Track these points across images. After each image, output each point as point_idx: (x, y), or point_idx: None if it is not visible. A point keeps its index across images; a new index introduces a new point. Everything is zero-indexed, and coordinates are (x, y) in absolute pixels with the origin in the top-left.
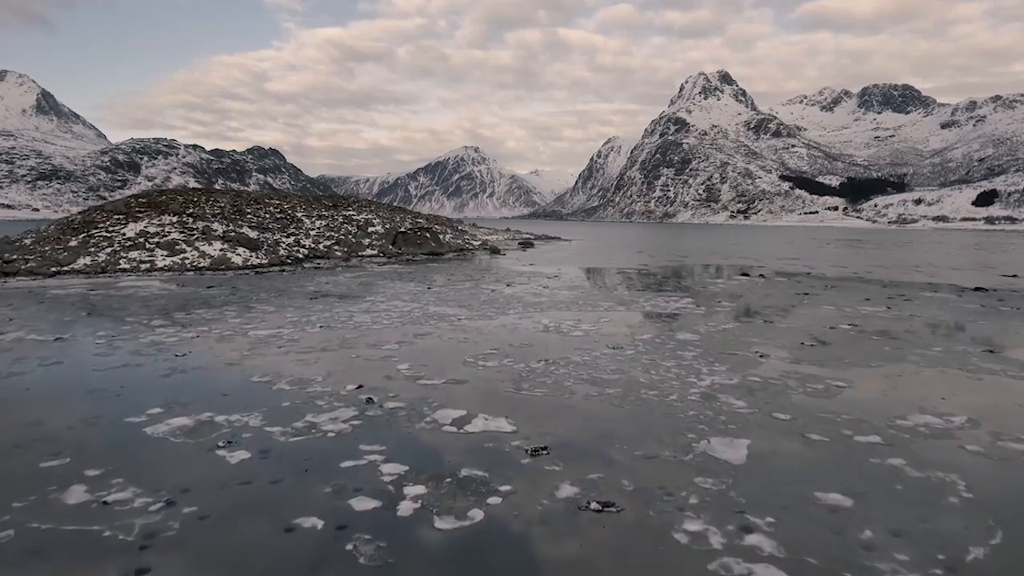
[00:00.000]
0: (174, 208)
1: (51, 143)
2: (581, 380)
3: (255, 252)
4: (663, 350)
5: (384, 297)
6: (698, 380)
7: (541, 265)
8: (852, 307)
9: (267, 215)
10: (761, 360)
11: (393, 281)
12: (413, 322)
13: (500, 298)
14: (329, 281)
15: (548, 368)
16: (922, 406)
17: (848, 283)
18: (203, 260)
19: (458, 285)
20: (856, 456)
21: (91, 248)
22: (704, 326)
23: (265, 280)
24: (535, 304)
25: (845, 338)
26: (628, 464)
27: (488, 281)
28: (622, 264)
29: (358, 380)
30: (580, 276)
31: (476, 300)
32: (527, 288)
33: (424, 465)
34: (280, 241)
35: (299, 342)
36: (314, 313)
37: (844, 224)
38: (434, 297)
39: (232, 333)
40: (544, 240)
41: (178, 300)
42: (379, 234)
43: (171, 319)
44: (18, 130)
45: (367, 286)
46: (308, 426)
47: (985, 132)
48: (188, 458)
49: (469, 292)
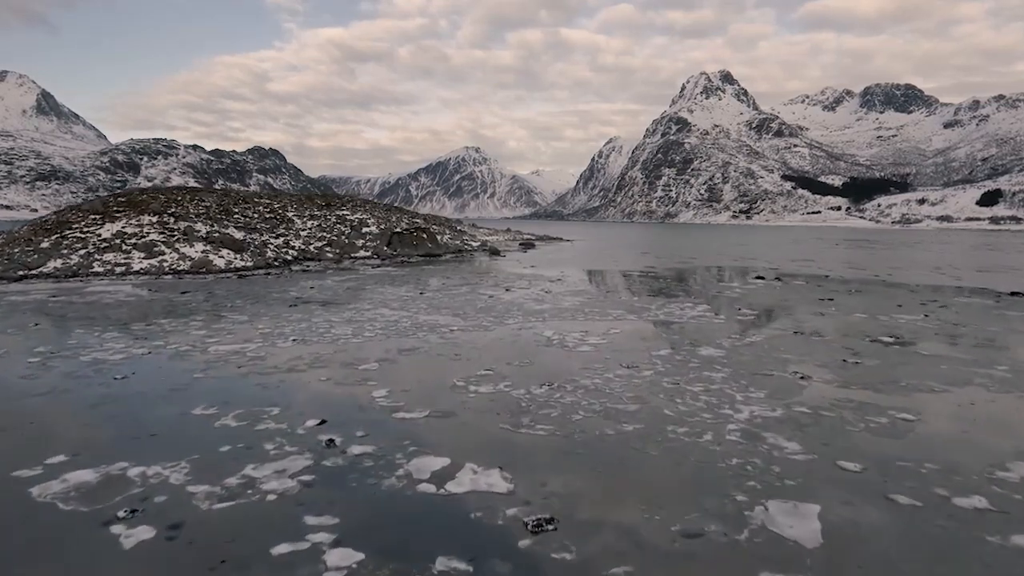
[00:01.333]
0: (154, 208)
1: (50, 143)
2: (593, 412)
3: (240, 254)
4: (686, 369)
5: (371, 304)
6: (734, 411)
7: (543, 267)
8: (886, 315)
9: (255, 215)
10: (802, 383)
11: (384, 285)
12: (400, 334)
13: (498, 305)
14: (315, 285)
15: (552, 395)
16: (1020, 448)
17: (872, 287)
18: (183, 263)
19: (453, 290)
20: (967, 532)
21: (63, 250)
22: (727, 339)
23: (246, 285)
24: (537, 312)
25: (891, 354)
26: (665, 548)
27: (486, 285)
28: (628, 266)
29: (323, 412)
30: (584, 279)
31: (472, 307)
32: (528, 293)
33: (387, 550)
34: (268, 242)
35: (264, 360)
36: (290, 323)
37: (847, 224)
38: (426, 304)
39: (190, 349)
40: (545, 241)
41: (143, 308)
42: (374, 235)
43: (127, 331)
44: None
45: (355, 291)
46: (244, 484)
47: (988, 131)
48: (65, 541)
49: (465, 298)
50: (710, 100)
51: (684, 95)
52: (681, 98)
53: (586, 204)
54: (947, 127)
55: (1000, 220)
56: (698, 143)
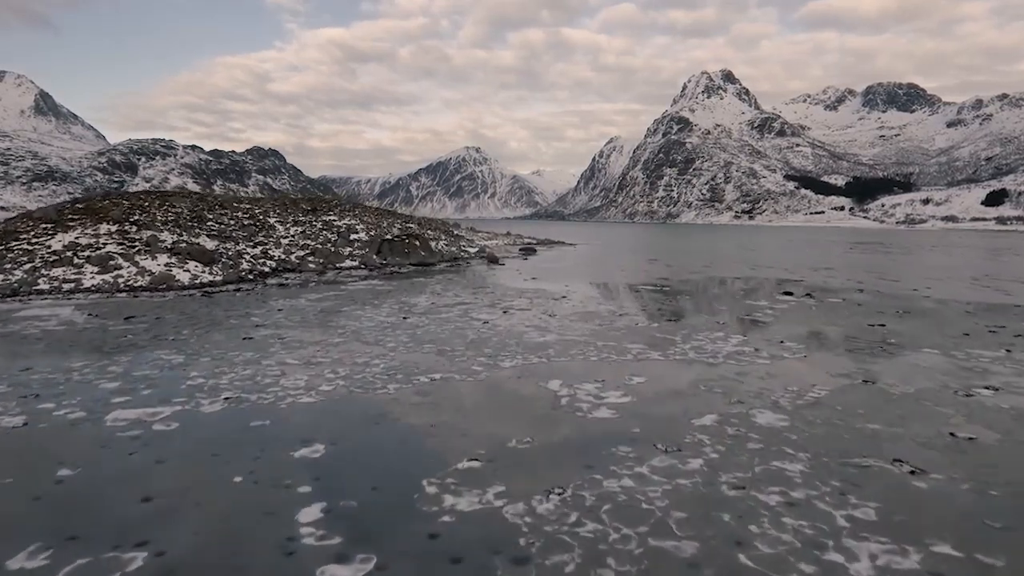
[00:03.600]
0: (115, 215)
1: (48, 144)
2: (629, 561)
3: (209, 267)
4: (746, 455)
5: (342, 335)
6: (844, 555)
7: (545, 280)
8: (960, 351)
9: (232, 221)
10: (917, 483)
11: (364, 306)
12: (365, 386)
13: (493, 336)
14: (285, 306)
15: (564, 515)
16: None
17: (918, 306)
18: (141, 278)
19: (443, 312)
20: None
21: (6, 264)
22: (784, 394)
23: (206, 306)
24: (539, 347)
25: (1005, 419)
26: None
27: (481, 304)
28: (638, 278)
29: (209, 562)
30: (592, 296)
31: (461, 340)
32: (528, 317)
33: None
34: (244, 252)
35: (168, 442)
36: (234, 367)
37: (852, 225)
38: (408, 335)
39: (83, 417)
40: (547, 245)
41: (66, 343)
42: (362, 242)
43: (21, 382)
44: (15, 131)
45: (328, 315)
46: None
47: (992, 131)
48: None
49: (455, 325)
50: (712, 99)
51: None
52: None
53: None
54: (950, 126)
55: (1007, 220)
56: (700, 143)
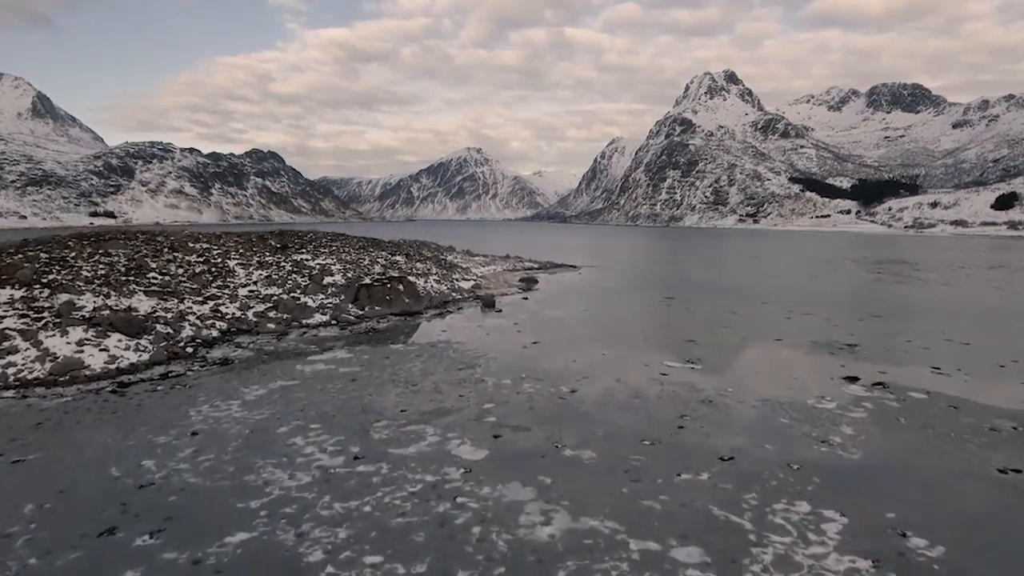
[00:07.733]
0: (23, 275)
1: (43, 147)
2: None
3: (136, 340)
4: None
5: (238, 521)
6: None
7: (548, 342)
8: None
9: (181, 269)
10: None
11: (309, 424)
12: None
13: (472, 521)
14: (207, 418)
15: None
16: None
17: None
18: (39, 366)
19: (409, 445)
20: None
21: None
22: None
23: (98, 416)
24: (538, 553)
25: None
26: None
27: (466, 418)
28: (659, 336)
29: None
30: (611, 384)
31: (416, 538)
32: (525, 456)
33: None
34: (188, 312)
35: None
36: None
37: (860, 229)
38: (341, 515)
39: None
40: (548, 270)
41: None
42: (337, 287)
43: None
44: (10, 134)
45: (252, 450)
46: None
47: (999, 132)
48: None
49: (420, 487)
50: (714, 100)
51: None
52: (685, 99)
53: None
54: (956, 127)
55: (1019, 225)
56: (703, 144)
